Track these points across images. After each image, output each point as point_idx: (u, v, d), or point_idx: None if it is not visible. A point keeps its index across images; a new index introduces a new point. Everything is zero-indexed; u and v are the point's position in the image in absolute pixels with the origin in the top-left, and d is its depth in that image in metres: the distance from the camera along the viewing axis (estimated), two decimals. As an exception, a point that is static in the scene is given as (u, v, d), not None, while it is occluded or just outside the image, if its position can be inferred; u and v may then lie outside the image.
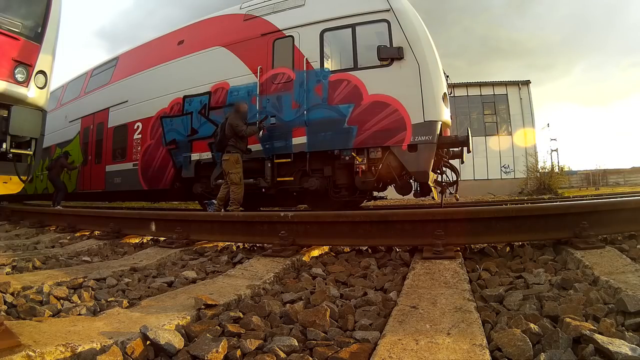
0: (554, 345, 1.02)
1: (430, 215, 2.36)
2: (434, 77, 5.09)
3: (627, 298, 1.22)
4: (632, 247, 2.02)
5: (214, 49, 6.55)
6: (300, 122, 5.58)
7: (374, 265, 2.15)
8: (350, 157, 5.30)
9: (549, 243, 2.23)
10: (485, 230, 2.24)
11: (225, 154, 5.24)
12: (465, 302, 1.38)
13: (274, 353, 1.07)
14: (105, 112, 8.22)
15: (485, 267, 1.95)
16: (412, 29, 5.18)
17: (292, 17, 5.96)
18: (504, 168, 21.37)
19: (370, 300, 1.51)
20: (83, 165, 8.74)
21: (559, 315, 1.21)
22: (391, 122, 5.09)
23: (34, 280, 1.91)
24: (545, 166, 18.65)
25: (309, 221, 2.60)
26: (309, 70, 5.62)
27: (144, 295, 1.76)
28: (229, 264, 2.42)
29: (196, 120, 6.49)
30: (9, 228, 5.01)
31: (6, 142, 4.01)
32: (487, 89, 22.12)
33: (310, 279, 1.90)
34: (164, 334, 1.11)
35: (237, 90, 6.16)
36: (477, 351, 1.00)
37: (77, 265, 2.51)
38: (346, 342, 1.15)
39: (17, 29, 4.12)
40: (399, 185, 5.32)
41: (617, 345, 0.94)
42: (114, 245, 3.33)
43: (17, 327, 1.16)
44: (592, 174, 29.58)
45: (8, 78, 4.03)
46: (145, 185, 7.31)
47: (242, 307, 1.46)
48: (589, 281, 1.60)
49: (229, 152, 5.21)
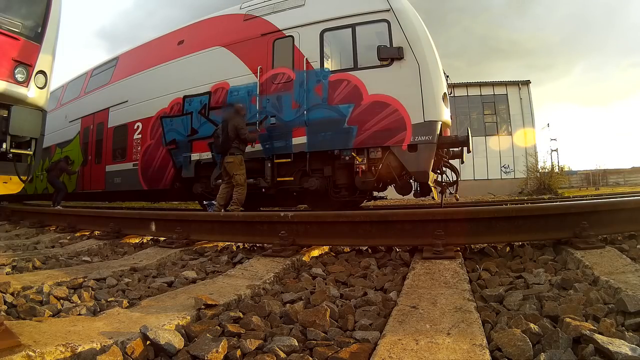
0: (554, 345, 1.01)
1: (430, 215, 2.35)
2: (434, 77, 5.09)
3: (627, 298, 1.22)
4: (632, 247, 2.02)
5: (214, 49, 6.55)
6: (300, 122, 5.58)
7: (374, 265, 2.15)
8: (350, 157, 5.30)
9: (549, 243, 2.23)
10: (485, 230, 2.24)
11: (229, 155, 5.19)
12: (465, 302, 1.38)
13: (274, 353, 1.07)
14: (105, 112, 8.23)
15: (485, 267, 1.95)
16: (412, 29, 5.18)
17: (292, 17, 5.96)
18: (504, 168, 21.37)
19: (370, 300, 1.51)
20: (83, 165, 8.74)
21: (559, 315, 1.21)
22: (391, 122, 5.09)
23: (34, 280, 1.91)
24: (545, 166, 18.65)
25: (309, 221, 2.60)
26: (309, 70, 5.62)
27: (144, 295, 1.76)
28: (229, 264, 2.42)
29: (196, 120, 6.49)
30: (9, 228, 5.01)
31: (6, 142, 4.01)
32: (487, 89, 22.12)
33: (310, 279, 1.90)
34: (164, 334, 1.11)
35: (237, 90, 6.16)
36: (477, 351, 1.00)
37: (77, 265, 2.51)
38: (346, 342, 1.15)
39: (17, 29, 4.12)
40: (399, 185, 5.32)
41: (617, 345, 0.94)
42: (114, 245, 3.33)
43: (17, 327, 1.16)
44: (592, 174, 29.58)
45: (8, 78, 4.03)
46: (145, 185, 7.31)
47: (242, 307, 1.46)
48: (589, 281, 1.60)
49: (232, 154, 5.17)
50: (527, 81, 21.72)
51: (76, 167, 8.69)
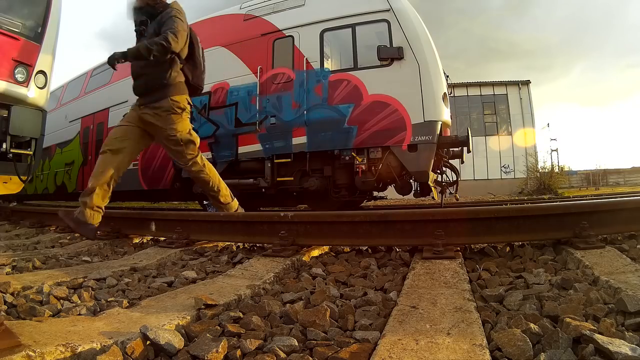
0: (554, 345, 1.01)
1: (430, 215, 2.35)
2: (434, 77, 5.10)
3: (627, 298, 1.22)
4: (632, 247, 2.02)
5: (214, 49, 6.55)
6: (300, 122, 5.58)
7: (374, 265, 2.15)
8: (350, 157, 5.30)
9: (549, 243, 2.23)
10: (485, 230, 2.24)
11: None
12: (465, 302, 1.38)
13: (274, 353, 1.07)
14: (105, 112, 8.23)
15: (485, 267, 1.95)
16: (412, 28, 5.19)
17: (292, 17, 5.97)
18: (504, 168, 21.39)
19: (370, 300, 1.50)
20: (83, 165, 8.74)
21: (559, 315, 1.21)
22: (391, 122, 5.09)
23: (34, 280, 1.91)
24: (545, 166, 18.67)
25: (309, 221, 2.60)
26: (309, 70, 5.62)
27: (144, 295, 1.76)
28: (229, 264, 2.42)
29: (196, 120, 6.49)
30: (9, 228, 5.01)
31: (6, 142, 4.02)
32: (487, 89, 22.15)
33: (310, 279, 1.90)
34: (164, 334, 1.11)
35: (237, 90, 6.16)
36: (477, 351, 1.00)
37: (77, 265, 2.50)
38: (346, 342, 1.15)
39: (17, 29, 4.12)
40: (399, 185, 5.33)
41: (617, 345, 0.94)
42: (114, 245, 3.33)
43: (17, 327, 1.16)
44: (592, 174, 29.61)
45: (8, 78, 4.03)
46: (145, 185, 7.31)
47: (242, 307, 1.46)
48: (589, 281, 1.60)
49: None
50: (527, 81, 21.75)
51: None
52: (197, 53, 3.58)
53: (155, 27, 3.30)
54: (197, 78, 3.62)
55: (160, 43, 3.08)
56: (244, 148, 6.04)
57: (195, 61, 3.57)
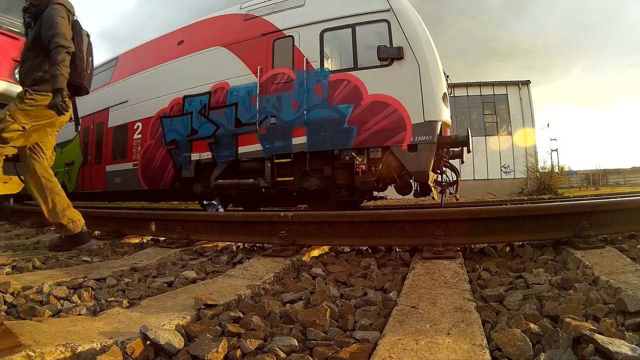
0: (554, 345, 1.02)
1: (430, 215, 2.35)
2: (433, 77, 5.10)
3: (627, 298, 1.22)
4: (632, 247, 2.02)
5: (214, 49, 6.56)
6: (300, 122, 5.58)
7: (374, 265, 2.15)
8: (350, 157, 5.30)
9: (549, 243, 2.23)
10: (485, 230, 2.24)
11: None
12: (465, 302, 1.38)
13: (274, 353, 1.07)
14: (105, 112, 8.23)
15: (485, 267, 1.95)
16: (412, 28, 5.19)
17: (292, 17, 5.97)
18: (504, 168, 21.39)
19: (370, 300, 1.51)
20: (83, 165, 8.74)
21: (559, 315, 1.21)
22: (391, 122, 5.09)
23: (34, 280, 1.91)
24: (545, 166, 18.67)
25: (309, 221, 2.60)
26: (309, 70, 5.62)
27: (144, 295, 1.76)
28: (229, 264, 2.42)
29: (196, 120, 6.49)
30: (9, 228, 5.01)
31: None
32: (487, 89, 22.15)
33: (310, 279, 1.90)
34: (164, 334, 1.11)
35: (237, 90, 6.16)
36: (477, 351, 1.00)
37: (77, 265, 2.51)
38: (346, 342, 1.15)
39: (17, 29, 4.13)
40: (399, 185, 5.33)
41: (617, 345, 0.94)
42: (114, 245, 3.33)
43: (17, 327, 1.16)
44: (592, 174, 29.60)
45: (8, 78, 4.03)
46: (145, 185, 7.31)
47: (242, 307, 1.46)
48: (589, 281, 1.60)
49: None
50: (527, 81, 21.75)
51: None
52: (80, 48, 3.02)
53: (36, 28, 2.87)
54: (78, 76, 3.04)
55: (61, 52, 2.70)
56: (244, 148, 6.04)
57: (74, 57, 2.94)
